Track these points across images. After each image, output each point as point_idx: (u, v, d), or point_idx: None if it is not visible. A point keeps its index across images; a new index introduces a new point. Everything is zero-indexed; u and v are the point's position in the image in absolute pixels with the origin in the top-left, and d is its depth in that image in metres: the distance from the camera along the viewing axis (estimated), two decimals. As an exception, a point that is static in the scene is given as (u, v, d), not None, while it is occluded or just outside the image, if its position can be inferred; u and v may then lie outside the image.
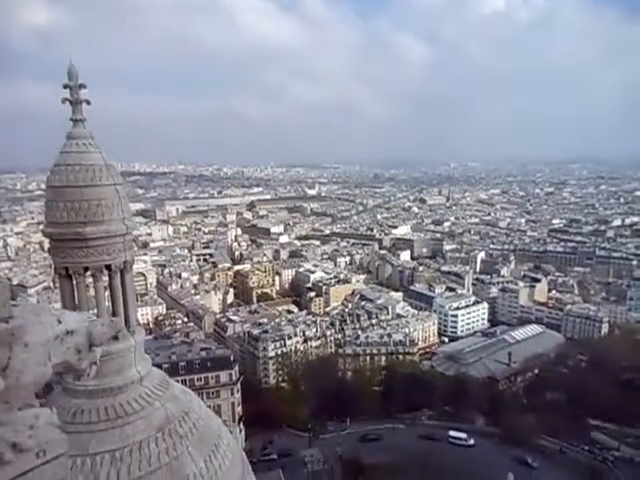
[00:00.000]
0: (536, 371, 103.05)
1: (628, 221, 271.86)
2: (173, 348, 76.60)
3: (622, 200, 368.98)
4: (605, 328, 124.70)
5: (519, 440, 72.55)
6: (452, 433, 75.58)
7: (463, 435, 75.07)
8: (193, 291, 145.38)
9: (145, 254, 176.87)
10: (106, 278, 9.50)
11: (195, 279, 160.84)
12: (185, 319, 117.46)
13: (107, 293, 9.74)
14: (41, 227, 9.86)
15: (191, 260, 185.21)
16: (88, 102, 9.11)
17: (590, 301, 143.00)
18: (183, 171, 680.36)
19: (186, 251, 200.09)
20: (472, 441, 74.17)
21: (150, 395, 9.04)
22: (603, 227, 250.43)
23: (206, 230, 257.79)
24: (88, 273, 9.28)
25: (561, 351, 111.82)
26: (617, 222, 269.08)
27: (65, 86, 8.84)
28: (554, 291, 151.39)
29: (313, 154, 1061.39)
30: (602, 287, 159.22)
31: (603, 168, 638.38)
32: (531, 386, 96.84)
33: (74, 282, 9.25)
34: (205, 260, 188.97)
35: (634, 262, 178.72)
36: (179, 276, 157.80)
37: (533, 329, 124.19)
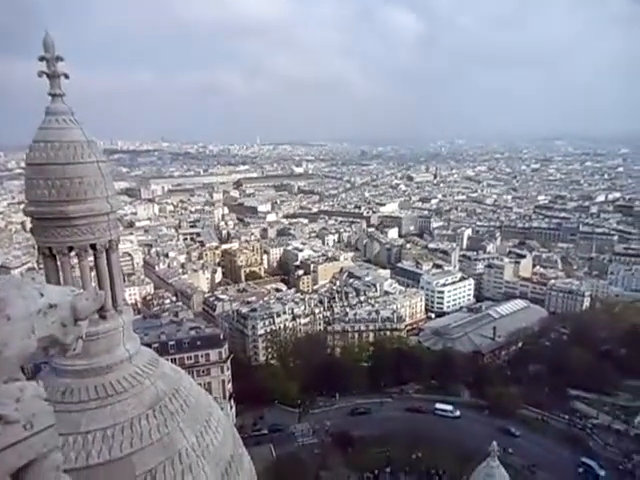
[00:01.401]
0: (520, 344, 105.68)
1: (611, 197, 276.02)
2: (162, 328, 76.61)
3: (606, 176, 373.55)
4: (587, 302, 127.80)
5: (503, 411, 74.94)
6: (438, 405, 77.62)
7: (449, 407, 77.14)
8: (181, 270, 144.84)
9: (131, 234, 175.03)
10: (91, 258, 9.35)
11: (182, 258, 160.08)
12: (173, 299, 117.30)
13: (93, 273, 9.61)
14: (22, 207, 9.62)
15: (178, 239, 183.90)
16: (66, 76, 8.78)
17: (573, 276, 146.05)
18: (168, 149, 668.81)
19: (173, 230, 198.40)
20: (458, 413, 76.31)
21: (140, 373, 9.04)
22: (587, 203, 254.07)
23: (192, 209, 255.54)
24: (73, 253, 9.11)
25: (544, 325, 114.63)
26: (601, 198, 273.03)
27: (41, 58, 8.49)
28: (538, 267, 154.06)
29: (300, 131, 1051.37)
30: (585, 262, 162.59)
31: (588, 144, 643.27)
32: (515, 359, 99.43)
33: (58, 262, 9.09)
34: (192, 239, 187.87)
35: (615, 237, 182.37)
36: (166, 255, 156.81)
37: (517, 304, 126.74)
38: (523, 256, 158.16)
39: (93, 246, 9.08)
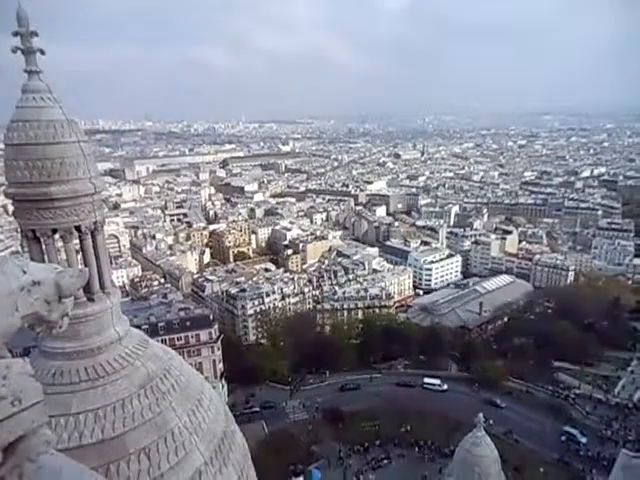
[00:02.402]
0: (505, 319, 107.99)
1: (596, 172, 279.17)
2: (151, 309, 76.55)
3: (591, 151, 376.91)
4: (571, 276, 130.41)
5: (489, 383, 76.88)
6: (427, 379, 79.28)
7: (437, 381, 78.85)
8: (168, 252, 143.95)
9: (116, 215, 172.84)
10: (77, 241, 9.23)
11: (170, 240, 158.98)
12: (162, 280, 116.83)
13: (79, 256, 9.50)
14: (2, 189, 9.41)
15: (165, 221, 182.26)
16: (42, 52, 8.47)
17: (558, 251, 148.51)
18: (151, 128, 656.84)
19: (159, 211, 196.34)
20: (445, 386, 78.03)
21: (130, 354, 9.06)
22: (572, 178, 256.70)
23: (179, 189, 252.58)
24: (57, 236, 8.98)
25: (529, 299, 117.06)
26: (586, 173, 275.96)
27: (15, 33, 8.17)
28: (524, 242, 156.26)
29: (286, 109, 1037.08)
30: (569, 237, 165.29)
31: (574, 119, 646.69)
32: (500, 333, 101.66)
33: (43, 245, 8.96)
34: (179, 220, 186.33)
35: (600, 212, 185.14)
36: (153, 237, 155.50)
37: (503, 279, 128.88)
38: (509, 232, 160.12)
39: (78, 228, 8.95)
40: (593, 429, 67.17)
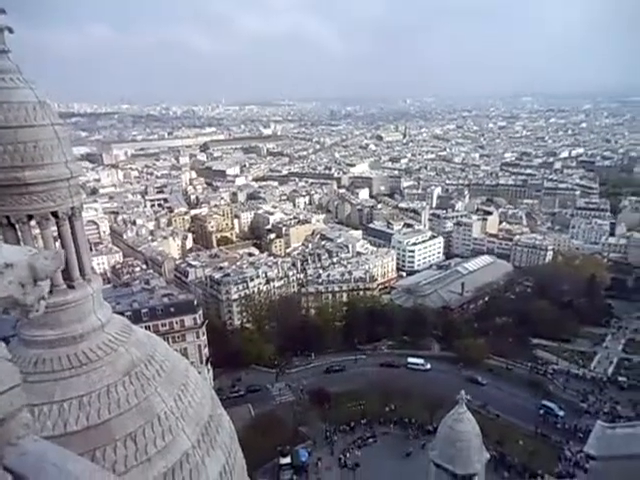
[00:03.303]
0: (486, 298, 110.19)
1: (574, 153, 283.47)
2: (134, 296, 75.81)
3: (569, 132, 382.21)
4: (549, 256, 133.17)
5: (471, 361, 78.72)
6: (410, 359, 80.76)
7: (420, 361, 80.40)
8: (150, 238, 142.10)
9: (95, 201, 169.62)
10: (54, 227, 9.01)
11: (151, 225, 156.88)
12: (144, 266, 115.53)
13: (57, 243, 9.29)
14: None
15: (145, 206, 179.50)
16: (10, 30, 8.11)
17: (537, 231, 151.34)
18: (128, 111, 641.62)
19: (139, 196, 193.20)
20: (429, 365, 79.71)
21: (113, 341, 8.97)
22: (551, 159, 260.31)
23: (159, 174, 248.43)
24: (33, 222, 8.75)
25: (509, 279, 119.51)
26: (564, 154, 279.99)
27: (-20, 11, 7.79)
28: (504, 223, 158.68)
29: (266, 91, 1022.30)
30: (548, 217, 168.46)
31: (553, 101, 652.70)
32: (482, 312, 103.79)
33: (19, 232, 8.72)
34: (160, 205, 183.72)
35: (578, 192, 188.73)
36: (134, 223, 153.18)
37: (484, 260, 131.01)
38: (490, 213, 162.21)
39: (54, 214, 8.73)
40: (570, 402, 69.62)
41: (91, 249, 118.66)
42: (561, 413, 65.88)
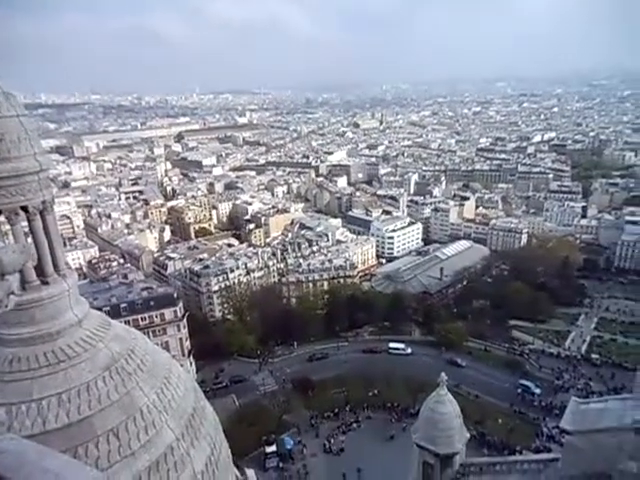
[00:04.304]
0: (465, 282, 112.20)
1: (547, 137, 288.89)
2: (112, 290, 74.52)
3: (542, 117, 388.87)
4: (524, 239, 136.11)
5: (450, 345, 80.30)
6: (391, 344, 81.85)
7: (401, 345, 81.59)
8: (126, 231, 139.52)
9: (67, 195, 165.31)
10: (26, 223, 8.76)
11: (127, 218, 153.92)
12: (121, 260, 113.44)
13: (29, 239, 9.03)
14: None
15: (120, 198, 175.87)
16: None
17: (512, 215, 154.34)
18: (99, 102, 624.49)
19: (113, 189, 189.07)
20: (410, 350, 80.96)
21: (92, 337, 8.83)
22: (525, 144, 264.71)
23: (133, 166, 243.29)
24: (2, 217, 8.49)
25: (486, 263, 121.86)
26: (537, 138, 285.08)
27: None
28: (481, 207, 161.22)
29: (241, 79, 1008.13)
30: (523, 201, 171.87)
31: (526, 85, 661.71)
32: (460, 296, 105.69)
33: (-13, 228, 8.45)
34: (135, 198, 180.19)
35: (551, 176, 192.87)
36: (109, 216, 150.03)
37: (462, 245, 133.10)
38: (467, 198, 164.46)
39: (25, 208, 8.48)
40: (546, 380, 71.84)
41: (65, 244, 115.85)
42: (537, 391, 67.95)
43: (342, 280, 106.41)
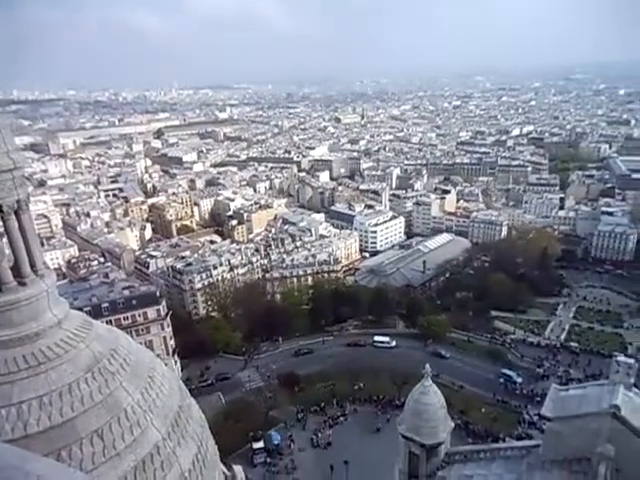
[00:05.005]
0: (447, 275, 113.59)
1: (525, 130, 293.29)
2: (92, 290, 73.26)
3: (520, 110, 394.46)
4: (505, 231, 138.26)
5: (434, 336, 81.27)
6: (376, 338, 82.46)
7: (386, 338, 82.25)
8: (106, 229, 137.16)
9: (44, 193, 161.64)
10: (0, 223, 8.53)
11: (106, 217, 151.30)
12: (101, 259, 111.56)
13: (5, 239, 8.81)
14: None
15: (99, 196, 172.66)
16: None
17: (492, 207, 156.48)
18: (75, 98, 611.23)
19: (92, 187, 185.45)
20: (394, 343, 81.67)
21: (73, 337, 8.67)
22: (504, 137, 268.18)
23: (111, 163, 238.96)
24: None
25: (468, 255, 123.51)
26: (516, 131, 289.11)
27: None
28: (462, 201, 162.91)
29: (221, 74, 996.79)
30: (502, 193, 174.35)
31: (504, 79, 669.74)
32: (443, 288, 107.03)
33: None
34: (115, 195, 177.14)
35: (529, 168, 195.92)
36: (88, 215, 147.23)
37: (444, 237, 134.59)
38: (448, 192, 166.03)
39: (-1, 208, 8.26)
40: (527, 369, 73.40)
41: (42, 244, 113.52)
42: (519, 380, 69.35)
43: (326, 275, 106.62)
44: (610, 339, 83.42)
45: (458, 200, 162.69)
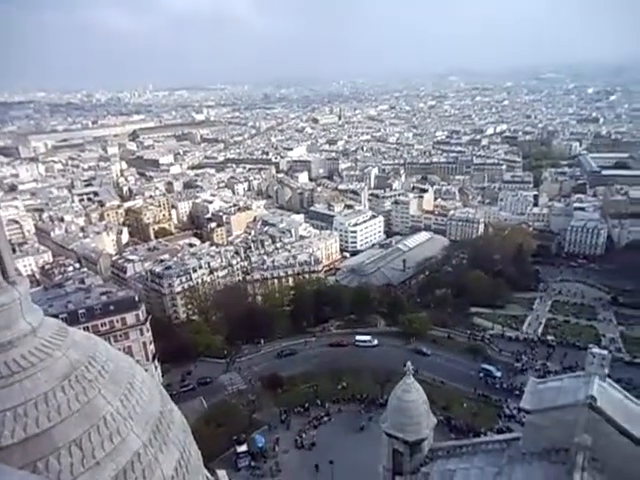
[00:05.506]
0: (426, 273, 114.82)
1: (499, 129, 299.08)
2: (68, 296, 71.50)
3: (494, 110, 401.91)
4: (481, 228, 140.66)
5: (415, 334, 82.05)
6: (358, 337, 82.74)
7: (368, 337, 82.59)
8: (81, 234, 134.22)
9: (15, 198, 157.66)
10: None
11: (81, 221, 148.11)
12: (77, 265, 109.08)
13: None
14: None
15: (73, 201, 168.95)
16: None
17: (469, 205, 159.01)
18: (45, 99, 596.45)
19: (65, 191, 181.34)
20: (376, 341, 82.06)
21: (48, 345, 8.43)
22: (478, 136, 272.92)
23: (85, 166, 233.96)
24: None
25: (446, 253, 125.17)
26: (490, 130, 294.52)
27: None
28: (439, 199, 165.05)
29: (196, 75, 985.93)
30: (478, 191, 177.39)
31: (478, 79, 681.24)
32: (423, 286, 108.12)
33: None
34: (89, 199, 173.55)
35: (504, 167, 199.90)
36: (62, 220, 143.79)
37: (423, 236, 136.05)
38: (425, 190, 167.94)
39: (-32, 213, 7.97)
40: (506, 363, 74.74)
41: (14, 250, 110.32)
42: (499, 374, 70.59)
43: (307, 275, 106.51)
44: (585, 331, 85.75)
45: (436, 199, 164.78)
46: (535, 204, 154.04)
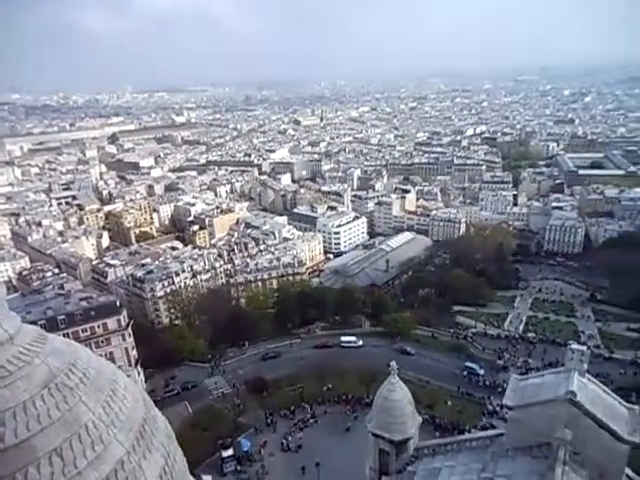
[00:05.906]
0: (410, 273, 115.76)
1: (478, 130, 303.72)
2: (47, 302, 69.83)
3: (473, 111, 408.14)
4: (463, 228, 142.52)
5: (399, 334, 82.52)
6: (343, 338, 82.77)
7: (353, 338, 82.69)
8: (60, 239, 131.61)
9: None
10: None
11: (60, 225, 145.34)
12: (56, 270, 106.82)
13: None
14: None
15: (51, 205, 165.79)
16: None
17: (450, 205, 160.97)
18: (20, 101, 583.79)
19: (43, 195, 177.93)
20: (361, 342, 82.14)
21: (26, 353, 8.24)
22: (459, 137, 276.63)
23: (63, 169, 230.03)
24: None
25: (429, 253, 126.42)
26: (470, 132, 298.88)
27: None
28: (422, 200, 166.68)
29: (176, 77, 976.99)
30: (459, 192, 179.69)
31: (457, 80, 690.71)
32: (406, 286, 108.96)
33: None
34: (68, 203, 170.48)
35: (484, 167, 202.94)
36: (39, 224, 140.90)
37: (406, 236, 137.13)
38: (408, 191, 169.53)
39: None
40: (489, 361, 75.63)
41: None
42: (482, 372, 71.39)
43: (291, 277, 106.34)
44: (564, 328, 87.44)
45: (418, 199, 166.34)
46: (515, 204, 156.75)
